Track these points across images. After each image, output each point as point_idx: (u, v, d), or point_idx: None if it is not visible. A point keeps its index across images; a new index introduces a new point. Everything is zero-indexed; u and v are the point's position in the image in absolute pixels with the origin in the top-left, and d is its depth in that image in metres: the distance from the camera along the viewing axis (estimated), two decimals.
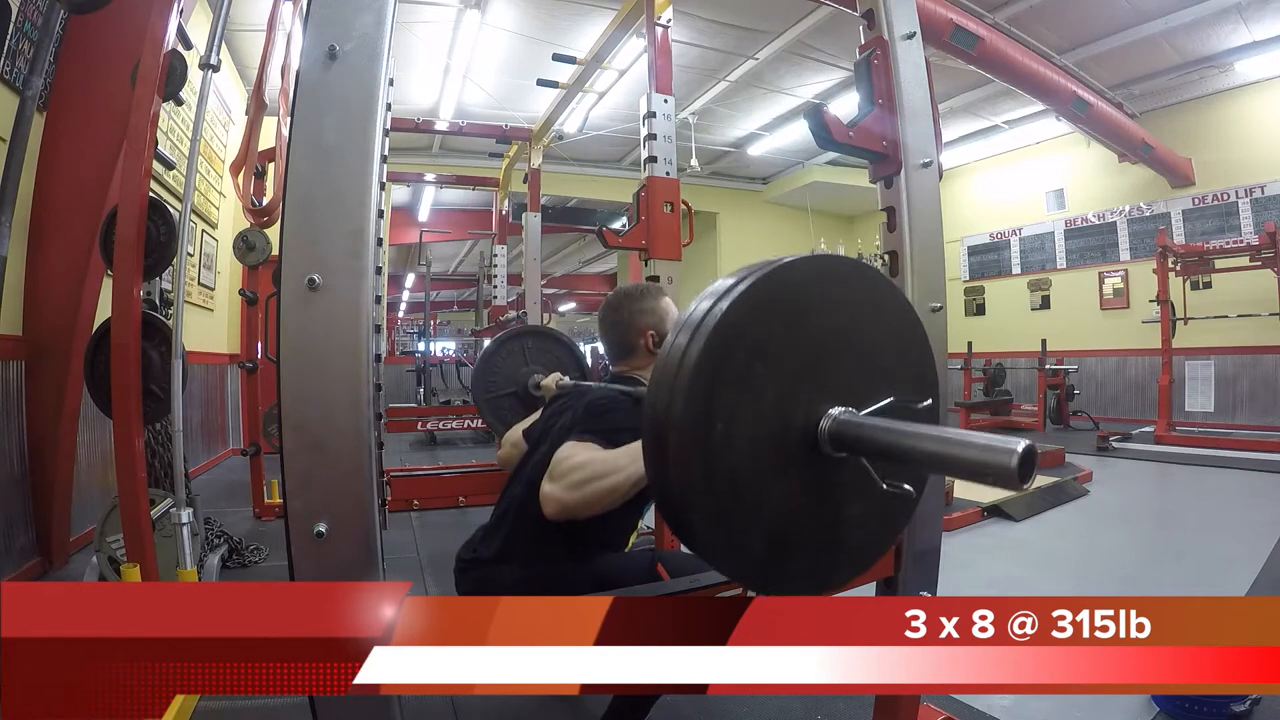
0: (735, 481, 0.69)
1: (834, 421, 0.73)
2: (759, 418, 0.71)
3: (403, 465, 5.13)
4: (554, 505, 1.09)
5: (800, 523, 0.75)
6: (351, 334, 0.78)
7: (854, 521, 0.79)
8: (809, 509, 0.75)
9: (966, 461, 0.63)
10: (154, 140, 2.00)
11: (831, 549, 0.79)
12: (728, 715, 1.65)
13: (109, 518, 2.39)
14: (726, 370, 0.69)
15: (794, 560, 0.76)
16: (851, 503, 0.78)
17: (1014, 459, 0.58)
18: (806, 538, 0.76)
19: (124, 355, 1.90)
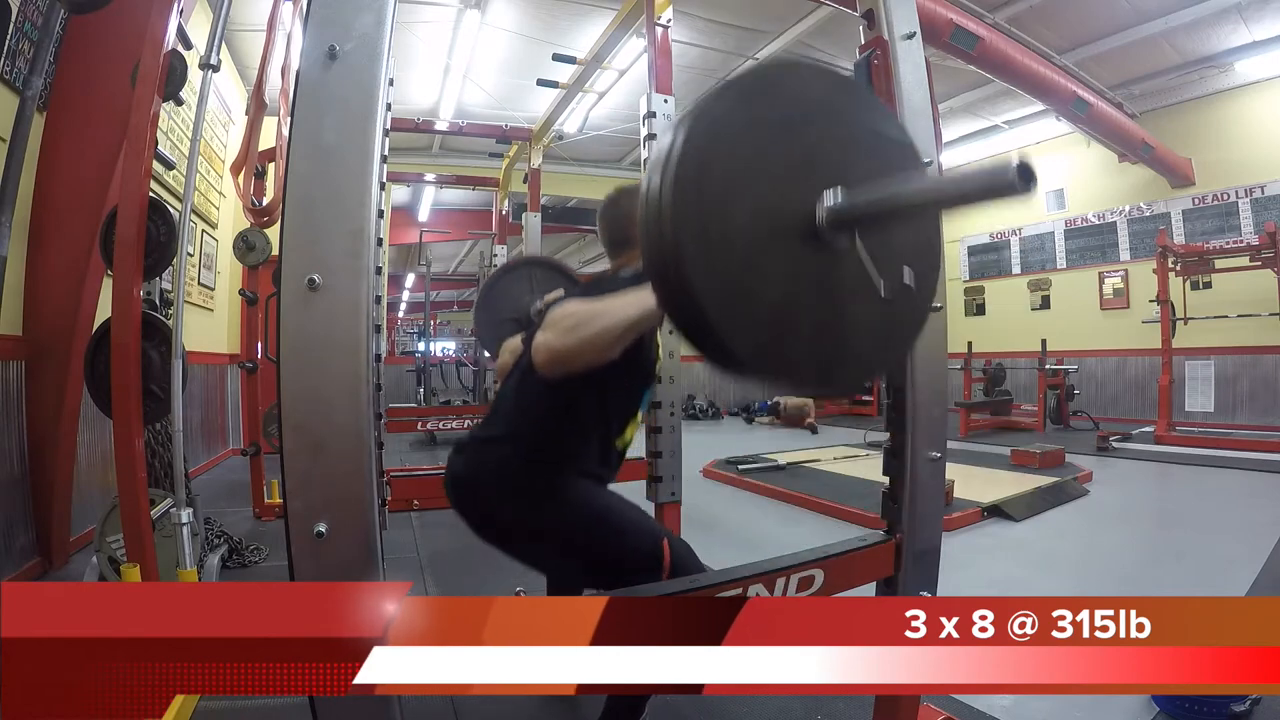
0: (735, 252, 0.70)
1: (831, 201, 0.75)
2: (756, 199, 0.72)
3: (403, 465, 5.13)
4: (545, 353, 1.05)
5: (802, 310, 0.75)
6: (351, 334, 0.78)
7: (858, 322, 0.80)
8: (811, 298, 0.76)
9: (969, 186, 0.65)
10: (154, 140, 2.00)
11: (835, 343, 0.79)
12: (728, 715, 1.65)
13: (109, 518, 2.39)
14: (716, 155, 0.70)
15: (796, 345, 0.76)
16: (854, 301, 0.78)
17: (1011, 170, 0.60)
18: (808, 326, 0.76)
19: (124, 355, 1.90)
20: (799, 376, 0.78)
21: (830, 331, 0.78)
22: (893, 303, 0.78)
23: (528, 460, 1.25)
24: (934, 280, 0.90)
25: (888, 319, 0.81)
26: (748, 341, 0.72)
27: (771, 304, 0.73)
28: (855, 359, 0.82)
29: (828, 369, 0.79)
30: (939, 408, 1.26)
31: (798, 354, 0.76)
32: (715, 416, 9.86)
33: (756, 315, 0.72)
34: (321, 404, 0.77)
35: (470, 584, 2.63)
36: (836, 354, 0.79)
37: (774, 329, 0.73)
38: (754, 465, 4.97)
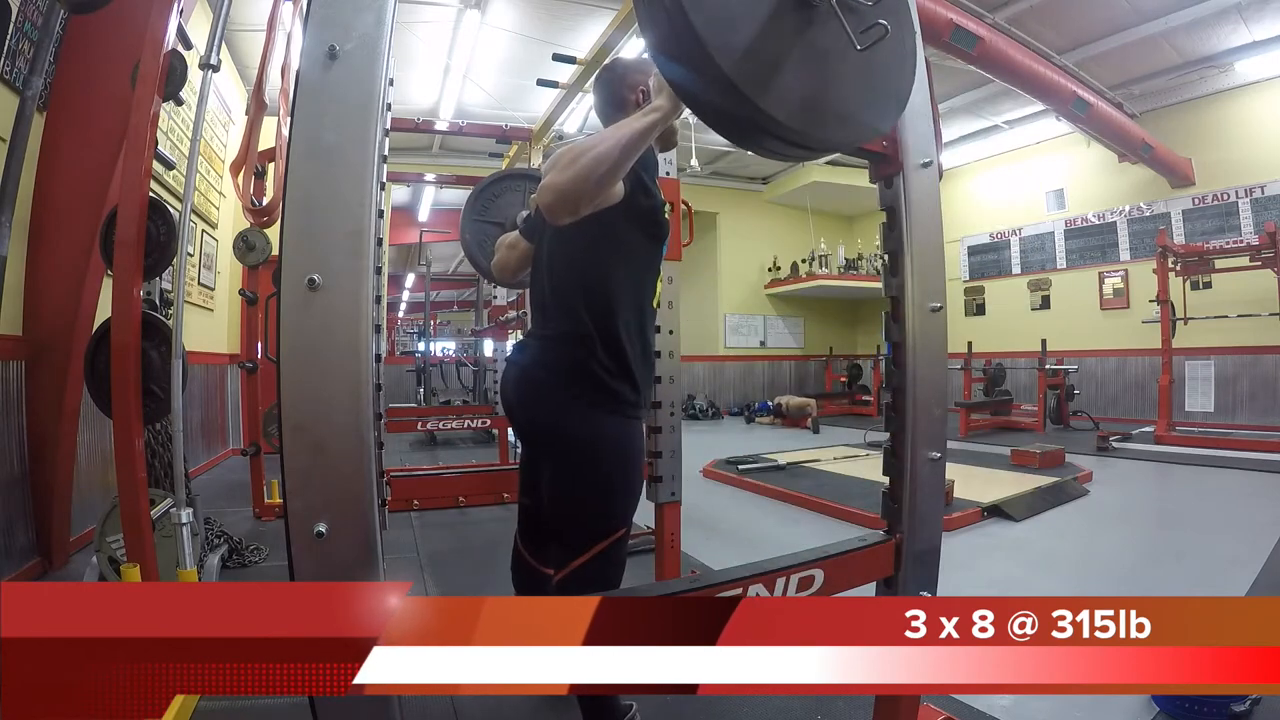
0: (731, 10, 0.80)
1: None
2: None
3: (403, 465, 5.14)
4: (550, 193, 1.04)
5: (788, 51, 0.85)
6: (351, 334, 0.78)
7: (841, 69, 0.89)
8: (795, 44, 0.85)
9: None
10: (154, 140, 2.00)
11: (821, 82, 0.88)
12: (728, 716, 1.65)
13: (109, 518, 2.39)
14: None
15: (782, 78, 0.84)
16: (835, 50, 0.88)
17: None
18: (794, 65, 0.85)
19: (124, 355, 1.90)
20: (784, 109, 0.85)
21: (820, 78, 0.88)
22: (873, 58, 0.88)
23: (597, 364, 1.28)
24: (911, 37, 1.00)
25: (868, 75, 0.92)
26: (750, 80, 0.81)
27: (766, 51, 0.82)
28: (842, 103, 0.91)
29: (817, 114, 0.88)
30: (939, 408, 1.26)
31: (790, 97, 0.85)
32: (715, 416, 9.86)
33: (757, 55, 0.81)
34: (321, 404, 0.77)
35: (470, 584, 2.63)
36: (825, 97, 0.89)
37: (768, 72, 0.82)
38: (754, 465, 4.97)
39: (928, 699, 1.55)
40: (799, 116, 0.86)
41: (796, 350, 11.27)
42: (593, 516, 1.31)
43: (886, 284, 1.28)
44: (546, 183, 1.04)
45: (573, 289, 1.31)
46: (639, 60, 1.47)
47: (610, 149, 1.03)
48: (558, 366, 1.31)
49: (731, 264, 10.76)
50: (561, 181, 1.03)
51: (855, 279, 10.07)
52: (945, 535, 1.34)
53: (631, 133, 1.03)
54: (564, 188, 1.03)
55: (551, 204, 1.03)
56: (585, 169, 1.02)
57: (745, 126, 0.88)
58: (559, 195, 1.03)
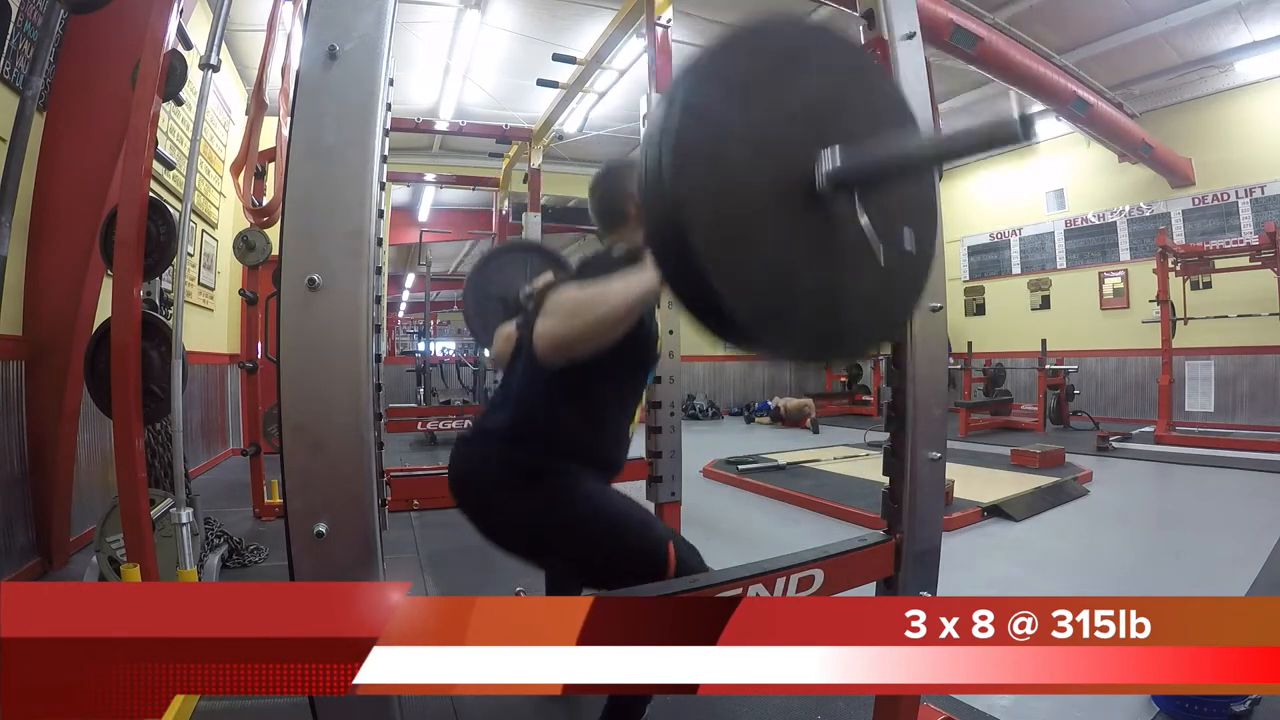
0: (736, 221, 0.69)
1: (830, 161, 0.73)
2: (756, 162, 0.71)
3: (403, 465, 5.13)
4: (547, 341, 1.03)
5: (803, 278, 0.74)
6: (351, 334, 0.78)
7: (858, 289, 0.79)
8: (811, 265, 0.75)
9: (971, 137, 0.64)
10: (154, 140, 2.00)
11: (835, 311, 0.78)
12: (728, 715, 1.65)
13: (109, 518, 2.39)
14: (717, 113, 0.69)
15: (797, 314, 0.75)
16: (854, 267, 0.77)
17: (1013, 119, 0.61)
18: (809, 294, 0.75)
19: (124, 355, 1.90)
20: (800, 346, 0.78)
21: (831, 299, 0.78)
22: (892, 269, 0.78)
23: (533, 453, 1.23)
24: (932, 243, 0.89)
25: (887, 286, 0.81)
26: (751, 312, 0.71)
27: (773, 273, 0.72)
28: (855, 328, 0.82)
29: (828, 339, 0.80)
30: (939, 408, 1.26)
31: (799, 322, 0.76)
32: (715, 416, 9.86)
33: (759, 285, 0.72)
34: (321, 404, 0.77)
35: (470, 584, 2.63)
36: (836, 323, 0.79)
37: (776, 297, 0.73)
38: (754, 465, 4.97)
39: (928, 699, 1.55)
40: (810, 352, 0.81)
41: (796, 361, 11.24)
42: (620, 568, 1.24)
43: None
44: (544, 332, 1.04)
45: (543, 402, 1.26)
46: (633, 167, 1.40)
47: (615, 309, 1.01)
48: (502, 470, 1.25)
49: None
50: (560, 334, 1.03)
51: None
52: (945, 535, 1.34)
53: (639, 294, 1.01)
54: (563, 342, 1.03)
55: (547, 352, 1.04)
56: (587, 329, 1.02)
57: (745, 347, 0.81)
58: (557, 347, 1.03)
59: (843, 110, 0.80)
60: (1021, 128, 0.59)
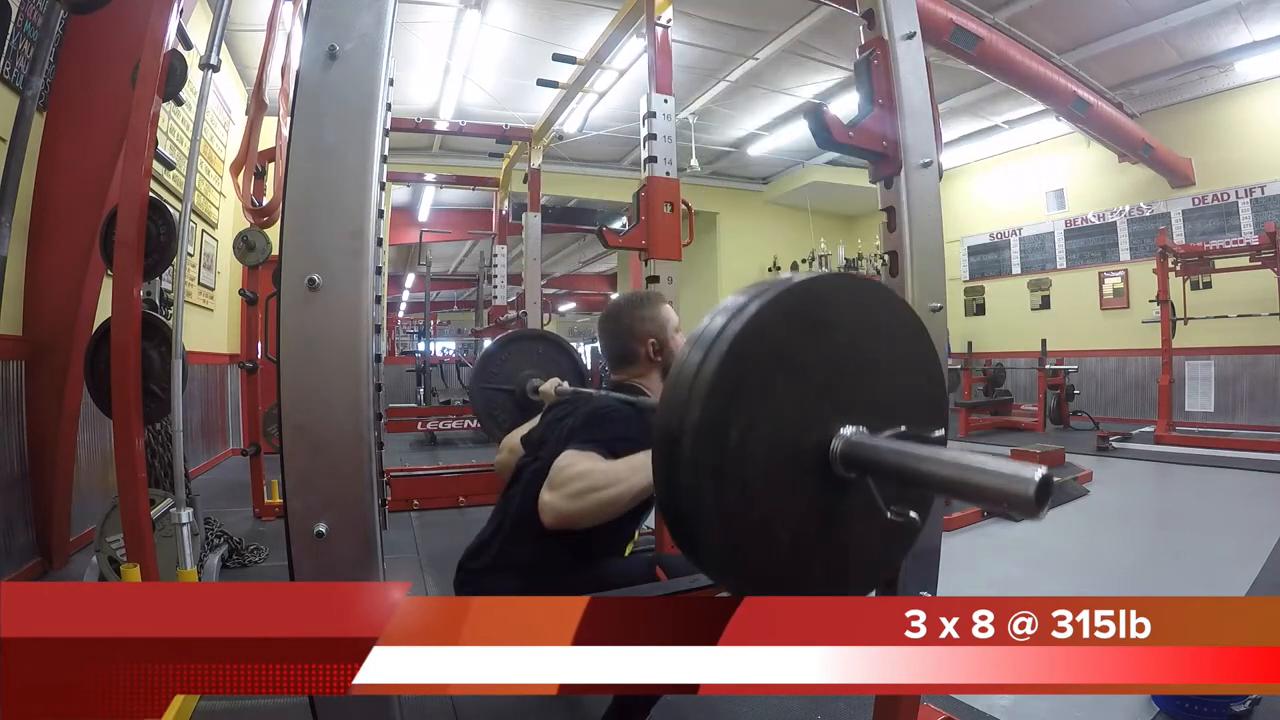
0: (745, 495, 0.68)
1: (846, 442, 0.72)
2: (773, 433, 0.69)
3: (403, 465, 5.13)
4: (552, 514, 1.08)
5: (806, 544, 0.74)
6: (351, 334, 0.78)
7: (858, 545, 0.79)
8: (815, 530, 0.75)
9: (983, 489, 0.62)
10: (154, 140, 2.00)
11: (837, 572, 0.78)
12: (728, 715, 1.65)
13: (109, 518, 2.39)
14: (742, 383, 0.67)
15: (800, 581, 0.75)
16: (857, 527, 0.77)
17: (1031, 488, 0.56)
18: (811, 559, 0.75)
19: (124, 355, 1.90)
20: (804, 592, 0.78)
21: (832, 566, 0.78)
22: (896, 526, 0.77)
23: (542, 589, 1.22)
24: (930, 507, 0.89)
25: (889, 532, 0.80)
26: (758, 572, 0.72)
27: (781, 538, 0.72)
28: (858, 576, 0.82)
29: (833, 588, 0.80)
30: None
31: (804, 578, 0.76)
32: None
33: (758, 567, 0.71)
34: (321, 404, 0.77)
35: None
36: (841, 575, 0.79)
37: (782, 561, 0.73)
38: None
39: (928, 699, 1.55)
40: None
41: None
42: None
43: (887, 284, 1.28)
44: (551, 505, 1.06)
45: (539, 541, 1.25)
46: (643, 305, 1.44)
47: (623, 494, 1.05)
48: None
49: (731, 264, 10.75)
50: (569, 512, 1.06)
51: None
52: (945, 535, 1.34)
53: (645, 486, 1.04)
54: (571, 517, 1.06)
55: (552, 523, 1.07)
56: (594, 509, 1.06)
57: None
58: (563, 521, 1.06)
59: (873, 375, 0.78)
60: (1037, 504, 0.58)
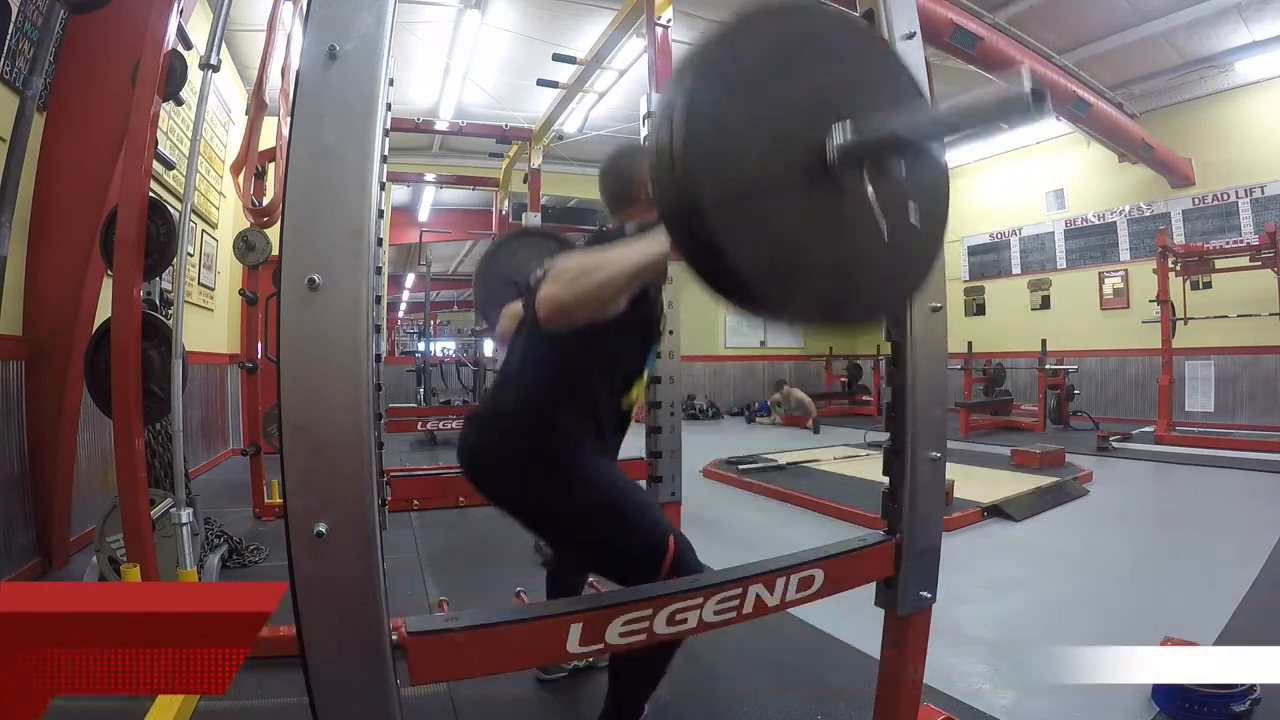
0: (749, 194, 0.71)
1: (841, 135, 0.75)
2: (767, 138, 0.73)
3: (403, 465, 5.13)
4: (549, 305, 1.02)
5: (813, 246, 0.77)
6: (351, 334, 0.78)
7: (867, 259, 0.82)
8: (821, 235, 0.77)
9: (981, 109, 0.66)
10: (154, 140, 1.99)
11: (844, 278, 0.81)
12: (728, 715, 1.65)
13: (109, 518, 2.39)
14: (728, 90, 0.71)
15: (802, 277, 0.77)
16: (863, 239, 0.80)
17: (1025, 86, 0.60)
18: (819, 262, 0.78)
19: (124, 355, 1.90)
20: (806, 310, 0.81)
21: (839, 268, 0.81)
22: (900, 242, 0.80)
23: (538, 433, 1.25)
24: (943, 220, 0.92)
25: (896, 257, 0.84)
26: (762, 280, 0.74)
27: (784, 242, 0.75)
28: (863, 296, 0.84)
29: (838, 305, 0.83)
30: (939, 408, 1.26)
31: (809, 290, 0.78)
32: (715, 416, 9.86)
33: (770, 252, 0.74)
34: (321, 404, 0.77)
35: (470, 584, 2.63)
36: (845, 290, 0.82)
37: (786, 265, 0.75)
38: (754, 465, 4.97)
39: (928, 699, 1.55)
40: (816, 316, 0.84)
41: (796, 350, 11.27)
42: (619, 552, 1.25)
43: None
44: (548, 295, 1.02)
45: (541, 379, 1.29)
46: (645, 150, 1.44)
47: (616, 275, 1.00)
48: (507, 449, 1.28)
49: None
50: (565, 299, 1.01)
51: None
52: (945, 535, 1.34)
53: (642, 262, 1.01)
54: (565, 306, 1.02)
55: (550, 316, 1.02)
56: (589, 291, 1.01)
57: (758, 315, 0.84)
58: (559, 311, 1.02)
59: (854, 88, 0.82)
60: (1033, 101, 0.59)
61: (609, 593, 1.12)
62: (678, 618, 1.04)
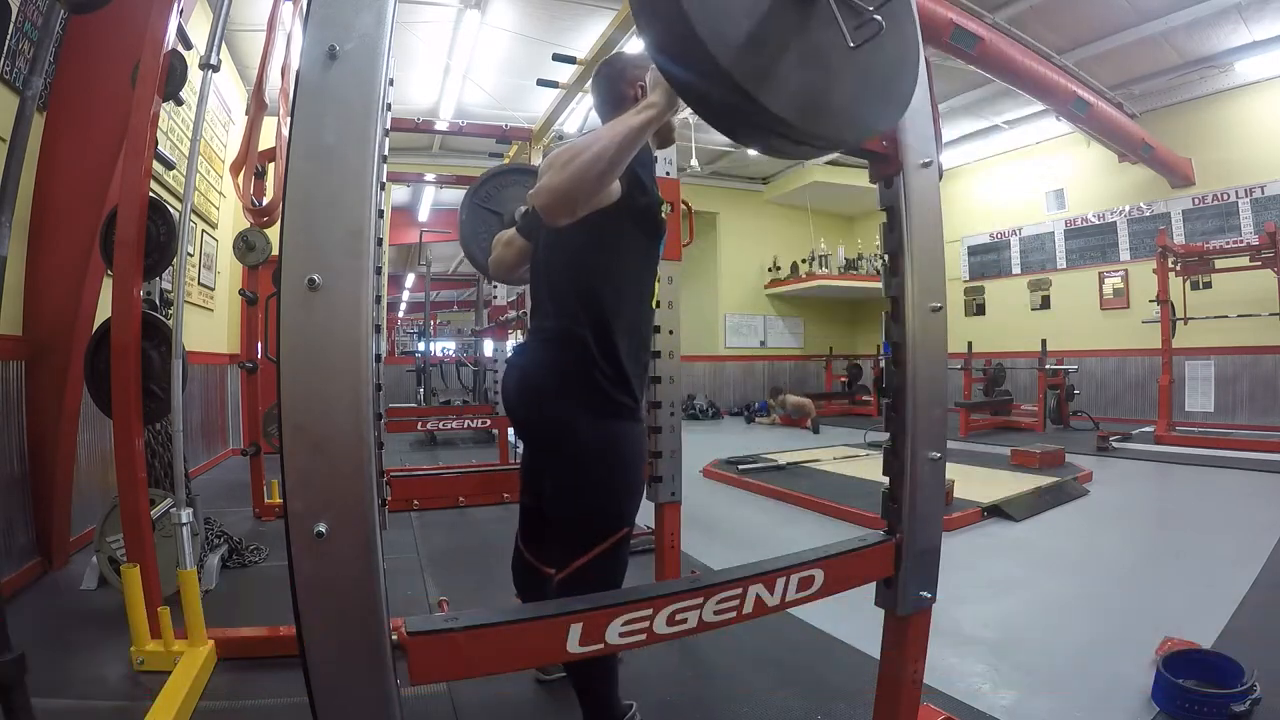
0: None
1: None
2: None
3: (403, 465, 5.14)
4: (546, 194, 1.03)
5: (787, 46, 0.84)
6: (351, 334, 0.78)
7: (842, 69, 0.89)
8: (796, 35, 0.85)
9: None
10: (154, 140, 2.00)
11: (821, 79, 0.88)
12: (728, 715, 1.65)
13: (109, 518, 2.39)
14: None
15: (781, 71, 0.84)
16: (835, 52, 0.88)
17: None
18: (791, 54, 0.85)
19: (124, 355, 1.90)
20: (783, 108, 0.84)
21: (817, 69, 0.87)
22: (868, 51, 0.88)
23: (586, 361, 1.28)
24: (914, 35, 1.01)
25: (867, 66, 0.91)
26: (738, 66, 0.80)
27: (762, 36, 0.82)
28: (841, 103, 0.90)
29: (810, 108, 0.87)
30: (939, 408, 1.26)
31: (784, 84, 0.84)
32: (715, 416, 9.86)
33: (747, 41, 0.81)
34: (321, 404, 0.77)
35: (470, 584, 2.63)
36: (821, 90, 0.88)
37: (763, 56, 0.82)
38: (754, 465, 4.97)
39: (928, 699, 1.55)
40: (798, 112, 0.86)
41: (796, 350, 11.27)
42: (595, 515, 1.31)
43: (886, 284, 1.28)
44: (543, 184, 1.03)
45: (570, 290, 1.32)
46: (637, 55, 1.47)
47: (606, 147, 1.02)
48: (557, 369, 1.32)
49: (731, 264, 10.76)
50: (558, 182, 1.02)
51: (855, 279, 10.06)
52: (945, 535, 1.34)
53: (627, 130, 1.02)
54: (561, 188, 1.02)
55: (548, 204, 1.03)
56: (581, 168, 1.02)
57: (744, 121, 0.87)
58: (556, 196, 1.02)
59: None
60: None
61: (609, 593, 1.12)
62: (678, 618, 1.04)
